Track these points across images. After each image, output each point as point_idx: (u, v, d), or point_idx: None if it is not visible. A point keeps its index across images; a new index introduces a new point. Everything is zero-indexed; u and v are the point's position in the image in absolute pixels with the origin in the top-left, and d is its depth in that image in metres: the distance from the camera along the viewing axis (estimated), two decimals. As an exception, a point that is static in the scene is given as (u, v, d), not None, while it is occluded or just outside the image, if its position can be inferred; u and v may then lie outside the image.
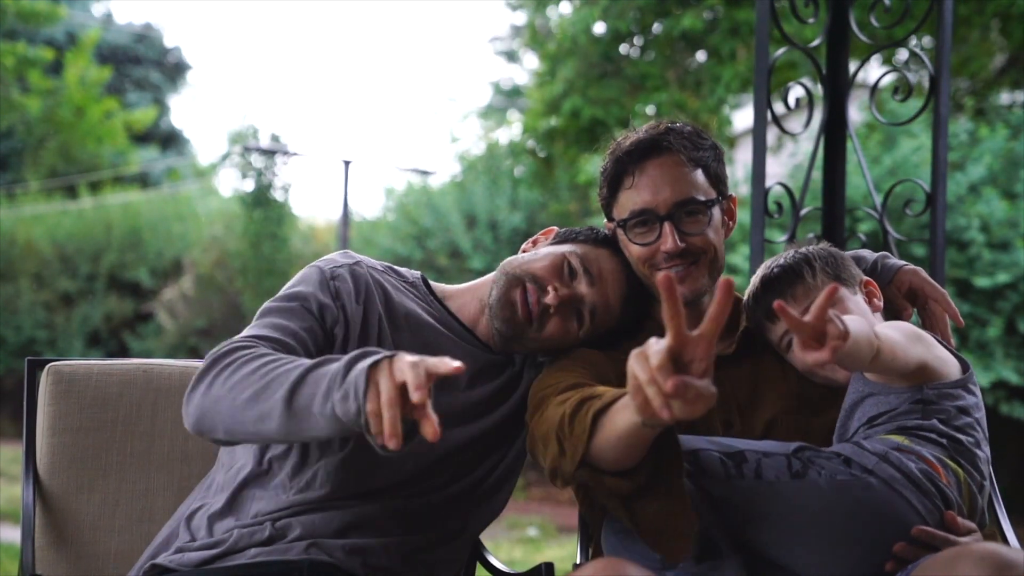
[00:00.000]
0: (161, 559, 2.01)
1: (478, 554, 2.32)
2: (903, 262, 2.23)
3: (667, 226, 2.01)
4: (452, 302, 2.18)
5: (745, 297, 2.12)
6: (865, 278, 2.09)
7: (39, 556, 2.26)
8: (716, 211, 2.07)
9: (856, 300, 2.02)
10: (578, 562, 2.15)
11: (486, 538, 2.31)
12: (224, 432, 1.80)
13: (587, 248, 2.11)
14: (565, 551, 6.98)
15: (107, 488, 2.31)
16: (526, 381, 2.18)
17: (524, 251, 2.20)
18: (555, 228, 2.24)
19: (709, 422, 1.98)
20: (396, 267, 2.19)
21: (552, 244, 2.16)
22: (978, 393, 1.95)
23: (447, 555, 2.11)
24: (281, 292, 2.03)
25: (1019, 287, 7.52)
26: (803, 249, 2.09)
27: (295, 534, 1.98)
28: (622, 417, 1.63)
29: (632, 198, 2.04)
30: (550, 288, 2.04)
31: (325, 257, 2.11)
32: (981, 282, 7.39)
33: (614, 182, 2.07)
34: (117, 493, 2.30)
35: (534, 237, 2.26)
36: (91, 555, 2.28)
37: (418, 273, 2.22)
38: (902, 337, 1.82)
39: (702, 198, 2.03)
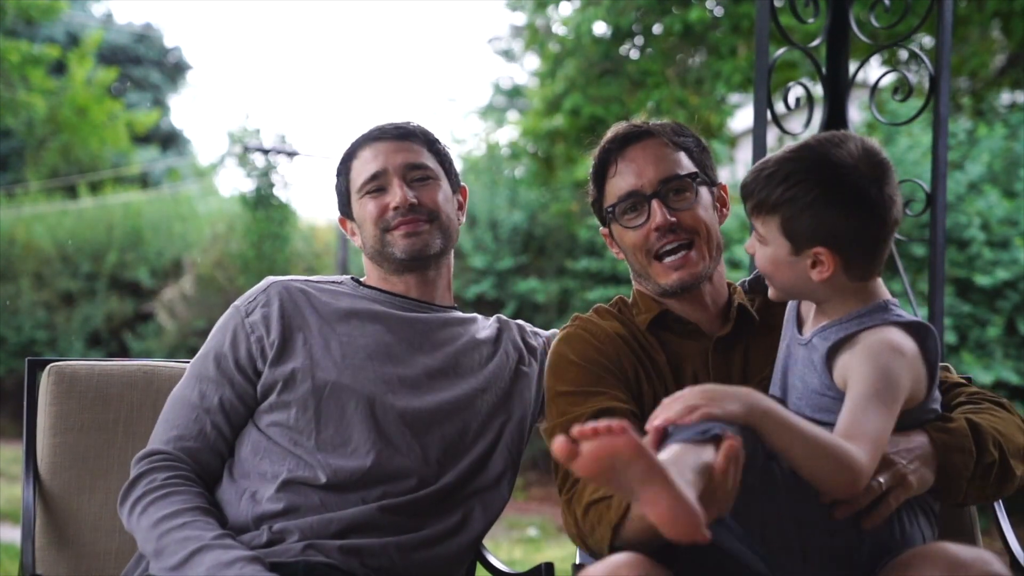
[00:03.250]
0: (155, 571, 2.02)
1: (478, 554, 2.32)
2: None
3: (655, 203, 2.03)
4: (387, 284, 2.29)
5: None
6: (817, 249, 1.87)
7: (39, 556, 2.26)
8: (704, 190, 2.08)
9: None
10: (578, 562, 2.15)
11: (486, 538, 2.32)
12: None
13: (369, 149, 2.27)
14: (565, 551, 6.97)
15: (107, 488, 2.31)
16: (505, 357, 2.25)
17: (359, 243, 2.33)
18: (340, 220, 2.38)
19: None
20: (327, 276, 2.33)
21: (351, 221, 2.32)
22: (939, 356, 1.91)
23: (446, 554, 2.11)
24: (202, 349, 2.21)
25: (1019, 286, 7.51)
26: (805, 180, 1.84)
27: (293, 538, 1.99)
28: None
29: (618, 184, 2.06)
30: (392, 204, 2.21)
31: (248, 293, 2.25)
32: (981, 280, 7.39)
33: (600, 175, 2.10)
34: (117, 493, 2.30)
35: (349, 234, 2.38)
36: (91, 555, 2.29)
37: (347, 276, 2.35)
38: (881, 421, 1.75)
39: (685, 172, 2.05)
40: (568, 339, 2.07)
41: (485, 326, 2.31)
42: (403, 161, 2.23)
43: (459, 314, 2.30)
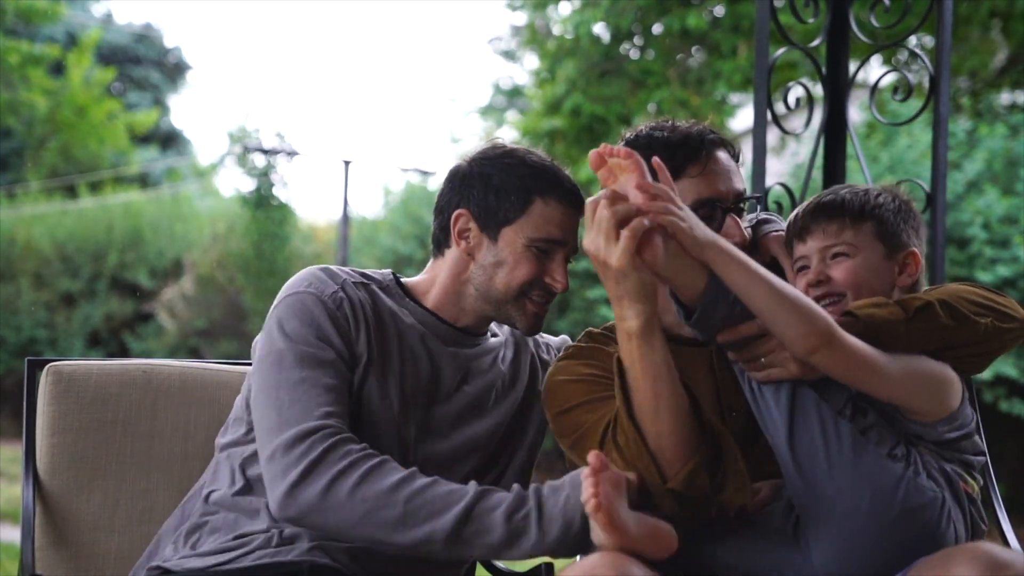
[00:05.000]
0: (162, 562, 2.01)
1: (478, 554, 2.31)
2: (775, 228, 2.09)
3: (731, 219, 1.96)
4: (428, 299, 2.13)
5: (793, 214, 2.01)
6: (911, 250, 1.95)
7: (39, 556, 2.25)
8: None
9: None
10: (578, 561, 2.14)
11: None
12: (341, 535, 1.87)
13: (564, 209, 2.06)
14: (565, 551, 6.96)
15: (107, 488, 2.30)
16: (523, 380, 2.19)
17: (468, 255, 2.09)
18: (462, 213, 2.08)
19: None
20: (367, 271, 2.14)
21: (484, 235, 2.06)
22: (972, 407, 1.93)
23: (449, 559, 2.11)
24: (282, 343, 1.96)
25: (1019, 283, 7.52)
26: (882, 195, 1.96)
27: (302, 542, 1.99)
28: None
29: (698, 186, 1.94)
30: (550, 281, 2.06)
31: (315, 282, 2.05)
32: (982, 278, 7.39)
33: (678, 167, 1.94)
34: (117, 493, 2.30)
35: (457, 230, 2.09)
36: (91, 555, 2.28)
37: (388, 272, 2.17)
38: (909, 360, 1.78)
39: (749, 195, 2.03)
40: (560, 369, 2.01)
41: (505, 345, 2.23)
42: (575, 244, 2.09)
43: (491, 341, 2.21)
